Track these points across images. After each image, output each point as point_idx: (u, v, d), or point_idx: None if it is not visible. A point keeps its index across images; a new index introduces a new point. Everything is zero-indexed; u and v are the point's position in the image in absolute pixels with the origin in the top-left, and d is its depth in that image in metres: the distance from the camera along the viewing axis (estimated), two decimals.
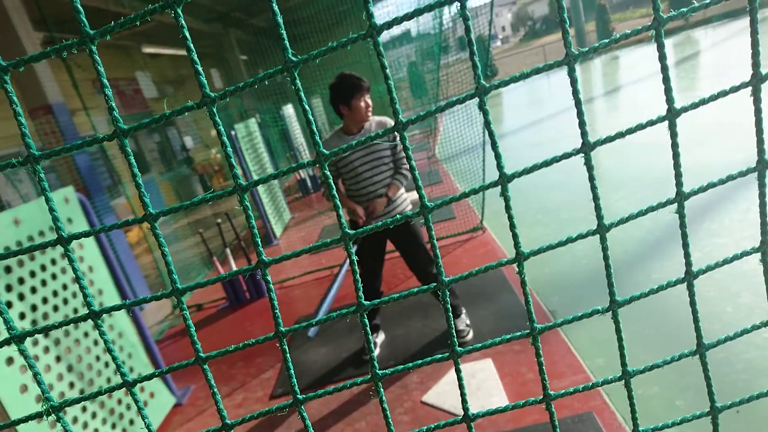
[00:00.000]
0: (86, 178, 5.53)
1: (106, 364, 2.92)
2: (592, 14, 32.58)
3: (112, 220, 5.62)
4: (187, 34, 0.39)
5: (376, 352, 3.31)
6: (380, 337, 3.40)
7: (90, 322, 2.82)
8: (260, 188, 6.70)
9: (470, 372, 2.90)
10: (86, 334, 2.83)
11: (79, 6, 0.37)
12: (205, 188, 12.01)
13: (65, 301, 2.71)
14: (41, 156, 0.42)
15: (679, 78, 12.94)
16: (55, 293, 2.66)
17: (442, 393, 2.80)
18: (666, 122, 0.52)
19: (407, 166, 2.89)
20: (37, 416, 0.49)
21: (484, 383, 2.78)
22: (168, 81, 11.85)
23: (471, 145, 6.26)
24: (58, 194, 2.87)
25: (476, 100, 0.50)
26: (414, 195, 7.28)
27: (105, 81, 0.40)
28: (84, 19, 0.38)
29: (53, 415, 0.48)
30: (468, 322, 3.26)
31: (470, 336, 3.20)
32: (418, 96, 12.94)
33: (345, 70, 2.92)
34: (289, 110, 9.30)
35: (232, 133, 6.36)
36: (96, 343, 2.89)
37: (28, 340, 2.40)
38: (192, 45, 0.41)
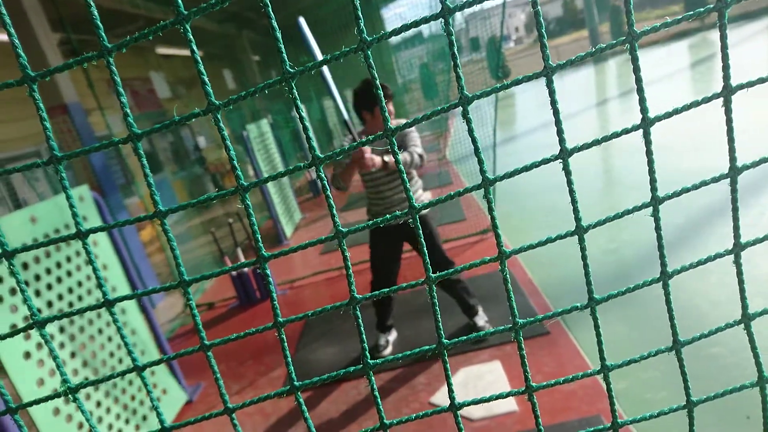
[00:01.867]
0: (101, 177, 5.63)
1: (120, 360, 2.98)
2: (606, 15, 32.34)
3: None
4: (195, 48, 0.43)
5: (389, 349, 3.36)
6: (392, 336, 3.44)
7: (104, 319, 2.89)
8: (271, 189, 6.76)
9: (478, 373, 2.91)
10: (100, 331, 2.89)
11: (98, 22, 0.40)
12: (217, 187, 12.12)
13: (80, 298, 2.77)
14: (63, 157, 0.46)
15: (695, 80, 12.81)
16: (70, 290, 2.72)
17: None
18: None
19: (417, 150, 2.82)
20: (56, 396, 0.53)
21: (492, 385, 2.80)
22: (181, 81, 11.98)
23: (482, 146, 6.26)
24: (73, 193, 2.94)
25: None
26: (428, 194, 7.28)
27: (121, 90, 0.44)
28: (103, 34, 0.41)
29: (70, 396, 0.52)
30: (486, 318, 3.30)
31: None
32: (429, 97, 12.97)
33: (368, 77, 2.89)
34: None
35: (244, 133, 6.42)
36: (110, 339, 2.95)
37: (54, 328, 2.47)
38: (199, 58, 0.44)
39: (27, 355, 2.30)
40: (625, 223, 5.19)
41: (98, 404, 2.69)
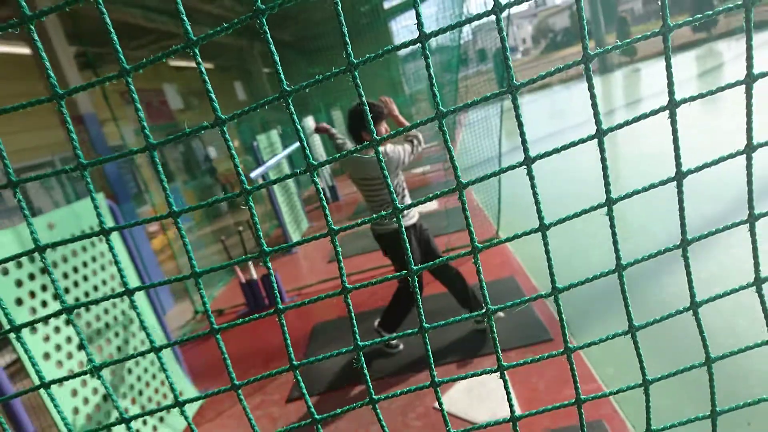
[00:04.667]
0: (115, 186, 5.74)
1: (137, 362, 3.09)
2: (613, 26, 32.44)
3: (138, 227, 5.82)
4: (203, 69, 0.49)
5: (401, 346, 3.46)
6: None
7: (127, 321, 3.01)
8: (279, 198, 6.87)
9: (481, 380, 2.95)
10: (125, 327, 3.01)
11: (118, 47, 0.47)
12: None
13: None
14: (89, 164, 0.53)
15: (701, 90, 12.81)
16: (86, 294, 2.82)
17: (454, 399, 2.86)
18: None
19: (416, 139, 3.01)
20: (83, 374, 0.59)
21: (494, 391, 2.84)
22: (193, 93, 12.18)
23: (488, 156, 6.32)
24: (89, 201, 3.05)
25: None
26: (427, 206, 7.31)
27: (138, 106, 0.51)
28: (122, 57, 0.48)
29: (95, 374, 0.58)
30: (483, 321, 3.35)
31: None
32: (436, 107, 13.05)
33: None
34: (309, 122, 9.50)
35: (254, 144, 6.53)
36: (134, 335, 3.07)
37: (71, 330, 2.59)
38: (207, 78, 0.51)
39: (46, 356, 2.39)
40: (630, 228, 5.20)
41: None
